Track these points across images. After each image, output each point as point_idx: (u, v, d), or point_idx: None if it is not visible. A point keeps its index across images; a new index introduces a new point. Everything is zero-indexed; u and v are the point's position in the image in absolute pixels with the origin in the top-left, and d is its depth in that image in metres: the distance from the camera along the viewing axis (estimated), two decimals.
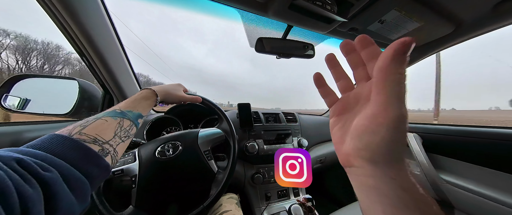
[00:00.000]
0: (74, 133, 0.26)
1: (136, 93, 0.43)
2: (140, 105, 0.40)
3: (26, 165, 0.19)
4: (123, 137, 0.32)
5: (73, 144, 0.25)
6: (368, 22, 0.59)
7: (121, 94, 0.77)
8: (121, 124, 0.33)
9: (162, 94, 0.48)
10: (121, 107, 0.36)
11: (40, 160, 0.20)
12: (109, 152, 0.29)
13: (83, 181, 0.23)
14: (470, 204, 0.72)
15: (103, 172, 0.27)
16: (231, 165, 0.54)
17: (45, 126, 0.66)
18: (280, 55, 0.72)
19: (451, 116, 41.92)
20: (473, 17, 0.55)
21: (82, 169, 0.24)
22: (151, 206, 0.48)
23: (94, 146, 0.27)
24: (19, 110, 0.61)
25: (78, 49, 0.59)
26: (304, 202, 0.74)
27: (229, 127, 0.61)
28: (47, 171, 0.20)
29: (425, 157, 0.84)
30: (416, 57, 0.82)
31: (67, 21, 0.50)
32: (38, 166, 0.19)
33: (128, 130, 0.34)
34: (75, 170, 0.22)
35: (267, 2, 0.51)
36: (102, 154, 0.27)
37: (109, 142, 0.29)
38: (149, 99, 0.44)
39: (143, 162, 0.50)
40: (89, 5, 0.52)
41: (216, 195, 0.50)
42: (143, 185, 0.47)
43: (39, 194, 0.18)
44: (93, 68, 0.66)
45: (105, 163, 0.27)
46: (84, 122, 0.29)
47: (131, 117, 0.36)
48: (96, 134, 0.28)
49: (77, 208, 0.21)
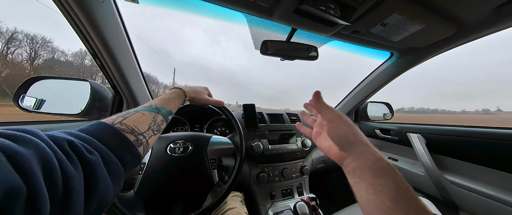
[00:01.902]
0: (116, 123, 0.29)
1: (169, 92, 0.47)
2: (173, 103, 0.44)
3: (75, 146, 0.21)
4: (155, 130, 0.35)
5: (115, 132, 0.28)
6: (370, 25, 0.60)
7: (131, 95, 0.80)
8: (155, 119, 0.36)
9: (191, 95, 0.52)
10: (156, 103, 0.40)
11: (87, 144, 0.23)
12: (142, 143, 0.31)
13: (119, 166, 0.26)
14: (474, 204, 0.72)
15: (135, 160, 0.29)
16: (231, 181, 0.54)
17: (55, 125, 0.69)
18: (284, 57, 0.73)
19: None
20: (474, 20, 0.56)
21: (119, 155, 0.26)
22: (150, 197, 0.50)
23: (131, 136, 0.30)
24: (35, 109, 0.64)
25: (92, 51, 0.62)
26: (308, 201, 0.75)
27: (241, 142, 0.60)
28: (91, 154, 0.22)
29: (429, 158, 0.84)
30: (419, 59, 0.83)
31: (83, 23, 0.53)
32: (85, 149, 0.22)
33: (160, 124, 0.37)
34: (113, 155, 0.25)
35: (273, 7, 0.53)
36: (136, 144, 0.30)
37: (143, 133, 0.32)
38: (180, 99, 0.48)
39: (154, 153, 0.53)
40: (105, 9, 0.55)
41: (208, 207, 0.50)
42: (149, 174, 0.50)
43: (80, 175, 0.20)
44: (105, 69, 0.69)
45: (137, 152, 0.30)
46: (125, 113, 0.33)
47: (164, 113, 0.39)
48: (134, 125, 0.31)
49: (111, 190, 0.23)
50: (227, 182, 0.55)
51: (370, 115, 1.31)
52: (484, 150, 0.72)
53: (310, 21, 0.54)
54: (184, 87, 0.51)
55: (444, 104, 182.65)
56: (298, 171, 0.91)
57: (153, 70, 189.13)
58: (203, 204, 0.51)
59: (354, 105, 1.26)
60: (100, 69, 0.70)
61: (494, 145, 0.69)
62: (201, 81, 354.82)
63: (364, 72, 1.16)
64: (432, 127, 0.92)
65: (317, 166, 1.04)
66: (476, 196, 0.71)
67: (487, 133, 0.71)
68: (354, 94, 1.21)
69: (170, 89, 0.50)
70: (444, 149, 0.85)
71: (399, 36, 0.67)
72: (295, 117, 1.06)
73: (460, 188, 0.75)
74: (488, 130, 0.72)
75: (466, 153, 0.78)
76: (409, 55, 0.83)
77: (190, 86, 0.53)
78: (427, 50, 0.76)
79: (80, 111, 0.72)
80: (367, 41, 0.72)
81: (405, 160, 1.02)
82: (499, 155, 0.68)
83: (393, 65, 0.93)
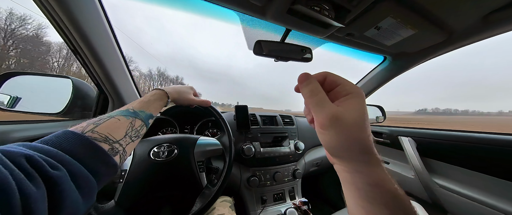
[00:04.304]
0: (87, 131, 0.27)
1: (149, 94, 0.44)
2: (153, 106, 0.41)
3: (35, 162, 0.19)
4: (133, 136, 0.33)
5: (85, 142, 0.25)
6: (364, 28, 0.60)
7: (116, 94, 0.76)
8: (132, 124, 0.33)
9: (173, 95, 0.48)
10: (134, 107, 0.37)
11: (51, 157, 0.20)
12: (118, 151, 0.29)
13: (90, 180, 0.23)
14: (462, 208, 0.73)
15: (110, 171, 0.27)
16: (220, 184, 0.52)
17: (33, 125, 0.64)
18: (278, 59, 0.72)
19: None
20: (464, 27, 0.57)
21: (91, 167, 0.24)
22: (132, 205, 0.47)
23: (105, 145, 0.27)
24: (8, 108, 0.59)
25: (72, 47, 0.58)
26: (300, 206, 0.74)
27: (229, 143, 0.58)
28: (55, 169, 0.20)
29: (419, 161, 0.85)
30: (410, 64, 0.84)
31: (61, 17, 0.49)
32: (47, 164, 0.19)
33: (138, 130, 0.34)
34: (83, 168, 0.23)
35: (265, 6, 0.51)
36: (111, 153, 0.27)
37: (119, 141, 0.29)
38: (162, 101, 0.45)
39: (136, 159, 0.50)
40: (84, 2, 0.52)
41: (197, 211, 0.48)
42: (130, 181, 0.47)
43: (43, 193, 0.18)
44: (87, 66, 0.65)
45: (113, 162, 0.27)
46: (98, 120, 0.30)
47: (143, 117, 0.36)
48: (108, 133, 0.28)
49: (82, 206, 0.21)
50: (216, 184, 0.52)
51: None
52: (473, 154, 0.74)
53: (303, 22, 0.53)
54: (166, 88, 0.48)
55: (475, 104, 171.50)
56: (291, 174, 0.90)
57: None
58: (191, 208, 0.48)
59: None
60: (82, 67, 0.66)
61: (482, 149, 0.70)
62: (198, 80, 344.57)
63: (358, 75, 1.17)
64: (423, 130, 0.93)
65: (310, 169, 1.04)
66: (463, 199, 0.72)
67: (476, 138, 0.72)
68: None
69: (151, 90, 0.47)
70: (434, 153, 0.87)
71: (392, 40, 0.67)
72: (289, 119, 1.05)
73: (448, 191, 0.77)
74: (477, 135, 0.73)
75: (455, 156, 0.80)
76: (401, 60, 0.84)
77: (172, 87, 0.50)
78: (419, 55, 0.77)
79: (60, 110, 0.67)
80: (361, 44, 0.72)
81: (396, 163, 1.04)
82: (486, 159, 0.70)
83: (386, 69, 0.94)
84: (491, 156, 0.68)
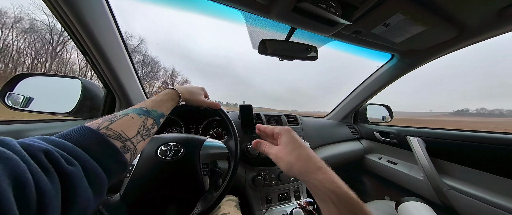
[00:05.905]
0: (102, 127, 0.27)
1: (162, 93, 0.44)
2: (165, 106, 0.42)
3: (53, 156, 0.19)
4: (144, 135, 0.33)
5: (99, 139, 0.25)
6: (372, 25, 0.59)
7: (123, 94, 0.77)
8: (145, 122, 0.34)
9: (185, 96, 0.49)
10: (147, 105, 0.37)
11: (67, 152, 0.21)
12: (129, 149, 0.29)
13: (102, 177, 0.23)
14: (473, 210, 0.70)
15: (121, 168, 0.27)
16: (223, 189, 0.51)
17: (46, 124, 0.66)
18: (283, 57, 0.72)
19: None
20: (477, 22, 0.55)
21: (103, 164, 0.24)
22: (136, 200, 0.48)
23: (118, 142, 0.27)
24: (22, 108, 0.61)
25: (82, 48, 0.60)
26: (305, 206, 0.73)
27: (235, 148, 0.57)
28: (71, 165, 0.20)
29: (429, 162, 0.83)
30: (419, 61, 0.82)
31: (71, 19, 0.50)
32: (64, 159, 0.20)
33: (150, 128, 0.35)
34: (97, 165, 0.23)
35: (270, 5, 0.51)
36: (123, 151, 0.28)
37: (131, 139, 0.30)
38: (173, 100, 0.45)
39: (143, 155, 0.50)
40: (93, 3, 0.53)
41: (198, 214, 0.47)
42: (136, 177, 0.47)
43: (57, 189, 0.18)
44: (96, 67, 0.66)
45: (124, 159, 0.28)
46: (113, 117, 0.30)
47: (155, 116, 0.37)
48: (121, 131, 0.29)
49: (92, 203, 0.22)
50: (219, 189, 0.52)
51: (369, 117, 1.30)
52: (484, 155, 0.71)
53: (309, 20, 0.53)
54: (178, 87, 0.48)
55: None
56: None
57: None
58: (192, 211, 0.48)
59: (353, 107, 1.24)
60: (91, 68, 0.68)
61: (493, 150, 0.68)
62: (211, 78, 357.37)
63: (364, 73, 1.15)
64: (432, 130, 0.91)
65: None
66: (474, 201, 0.69)
67: (488, 138, 0.70)
68: (354, 96, 1.20)
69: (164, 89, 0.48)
70: (444, 153, 0.84)
71: (400, 38, 0.65)
72: (294, 119, 1.04)
73: (459, 193, 0.74)
74: (489, 135, 0.70)
75: (466, 157, 0.77)
76: (410, 58, 0.82)
77: (184, 87, 0.50)
78: (428, 52, 0.75)
79: (70, 109, 0.69)
80: (368, 42, 0.71)
81: (404, 163, 1.01)
82: (498, 160, 0.67)
83: (394, 67, 0.92)
84: (505, 157, 0.65)
